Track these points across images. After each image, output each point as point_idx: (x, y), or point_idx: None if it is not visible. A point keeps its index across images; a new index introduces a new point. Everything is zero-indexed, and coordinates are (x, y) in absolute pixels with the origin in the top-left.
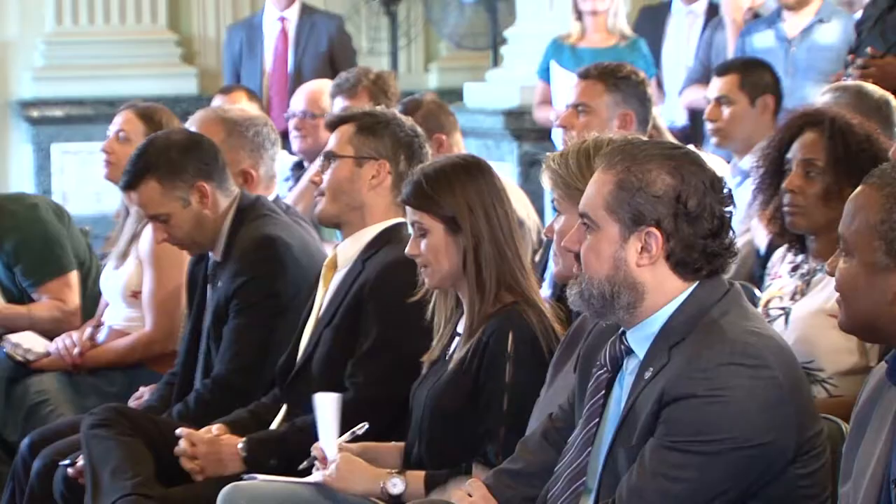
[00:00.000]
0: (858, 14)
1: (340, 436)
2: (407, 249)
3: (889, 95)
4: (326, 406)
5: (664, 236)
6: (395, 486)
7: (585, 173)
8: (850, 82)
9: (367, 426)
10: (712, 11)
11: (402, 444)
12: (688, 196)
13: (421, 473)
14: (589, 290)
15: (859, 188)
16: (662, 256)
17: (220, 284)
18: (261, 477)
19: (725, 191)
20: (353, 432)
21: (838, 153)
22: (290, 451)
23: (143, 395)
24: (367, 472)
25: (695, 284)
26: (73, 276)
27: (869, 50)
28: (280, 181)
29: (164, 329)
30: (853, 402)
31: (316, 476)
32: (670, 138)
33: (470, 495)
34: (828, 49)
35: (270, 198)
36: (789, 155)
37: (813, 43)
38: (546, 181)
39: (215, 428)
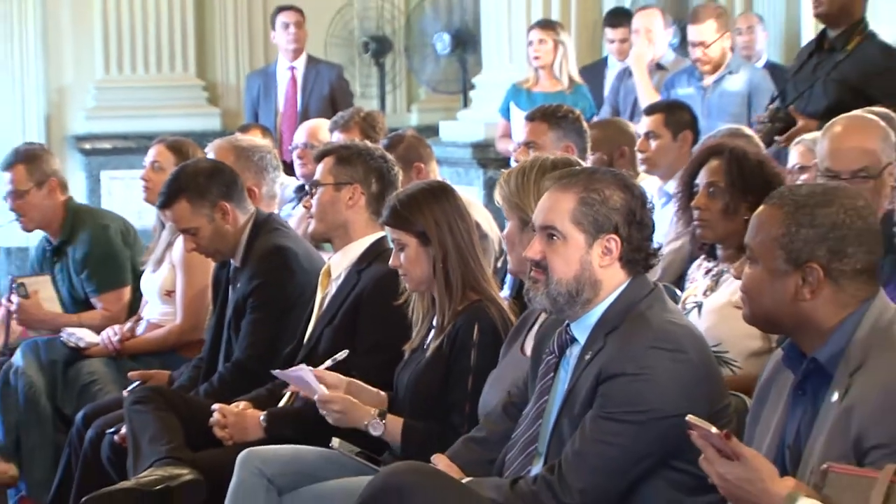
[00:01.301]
0: (761, 63)
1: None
2: (390, 262)
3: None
4: (302, 376)
5: (621, 241)
6: (376, 428)
7: (520, 190)
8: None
9: (347, 352)
10: None
11: (383, 393)
12: (636, 207)
13: (399, 420)
14: (557, 289)
15: (762, 207)
16: (618, 258)
17: (239, 286)
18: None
19: (650, 205)
20: (335, 359)
21: (734, 176)
22: (302, 423)
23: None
24: (355, 411)
25: (626, 283)
26: (126, 291)
27: (770, 108)
28: (285, 202)
29: (192, 322)
30: (755, 381)
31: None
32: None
33: None
34: (735, 95)
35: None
36: (697, 180)
37: (723, 90)
38: (496, 197)
39: (242, 404)
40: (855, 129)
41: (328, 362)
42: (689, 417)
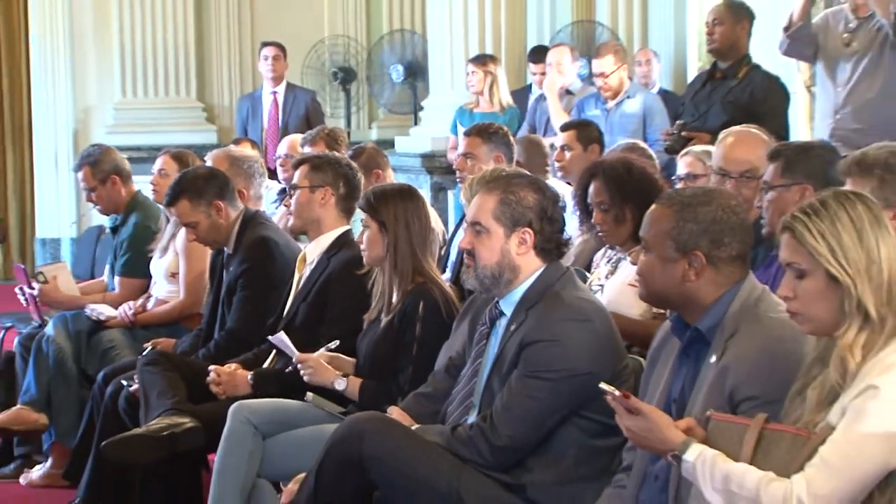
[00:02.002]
0: (655, 90)
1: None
2: (357, 236)
3: None
4: (283, 340)
5: (534, 233)
6: (340, 384)
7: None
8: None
9: (338, 342)
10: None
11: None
12: (547, 206)
13: (358, 380)
14: (483, 273)
15: (654, 206)
16: (532, 247)
17: (231, 269)
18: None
19: (561, 203)
20: (328, 347)
21: (613, 192)
22: (283, 381)
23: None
24: (325, 373)
25: (543, 267)
26: (142, 283)
27: (677, 123)
28: (269, 202)
29: (193, 299)
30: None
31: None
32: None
33: None
34: (633, 115)
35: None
36: (589, 200)
37: (623, 112)
38: (461, 198)
39: (233, 365)
40: (744, 139)
41: (322, 350)
42: (601, 385)
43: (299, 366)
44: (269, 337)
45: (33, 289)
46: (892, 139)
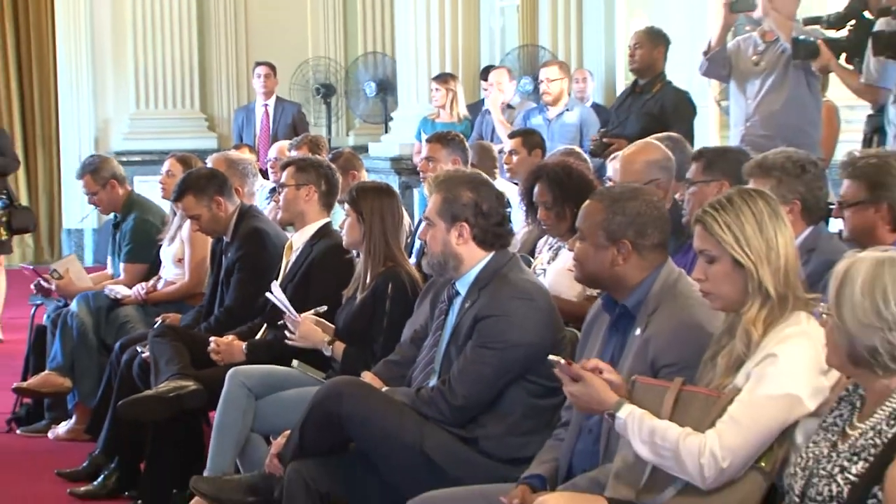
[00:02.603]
0: (589, 103)
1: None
2: (340, 223)
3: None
4: (277, 294)
5: (471, 227)
6: (327, 349)
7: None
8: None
9: (325, 308)
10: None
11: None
12: (482, 202)
13: (342, 345)
14: (432, 260)
15: (588, 201)
16: (470, 238)
17: (229, 255)
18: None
19: (505, 199)
20: (316, 311)
21: (555, 192)
22: (272, 351)
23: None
24: (314, 335)
25: (492, 254)
26: (143, 268)
27: (600, 130)
28: (262, 199)
29: (196, 280)
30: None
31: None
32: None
33: None
34: (571, 125)
35: None
36: (534, 198)
37: (562, 122)
38: (426, 193)
39: (230, 337)
40: (640, 149)
41: (310, 313)
42: (550, 357)
43: (289, 325)
44: (268, 293)
45: (50, 285)
46: (791, 145)
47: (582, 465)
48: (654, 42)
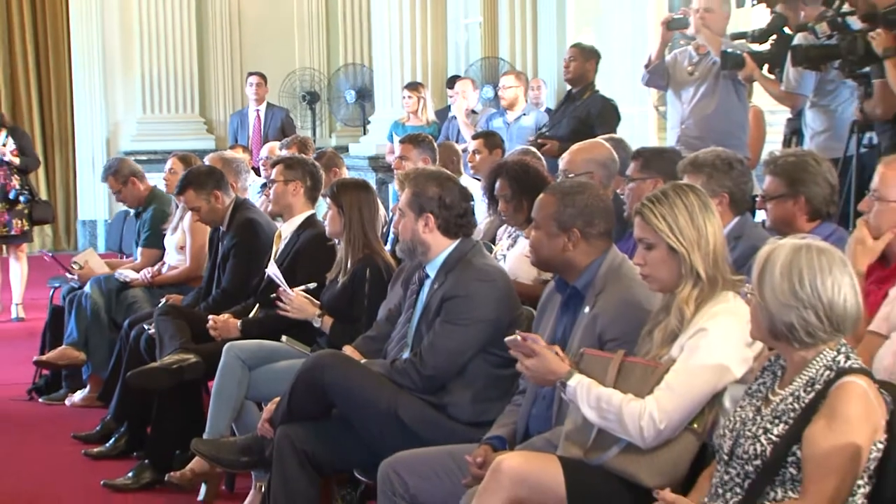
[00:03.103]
0: (543, 108)
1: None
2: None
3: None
4: (275, 272)
5: (435, 218)
6: (316, 322)
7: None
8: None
9: (315, 284)
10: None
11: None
12: (445, 196)
13: (330, 319)
14: (403, 246)
15: (542, 195)
16: (435, 227)
17: (225, 242)
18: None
19: (468, 194)
20: (307, 286)
21: (514, 188)
22: (264, 327)
23: (168, 299)
24: (308, 308)
25: (457, 241)
26: (158, 252)
27: (537, 132)
28: (255, 193)
29: (196, 265)
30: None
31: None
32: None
33: None
34: (527, 128)
35: None
36: (495, 192)
37: (520, 125)
38: (398, 189)
39: (226, 315)
40: (587, 147)
41: (300, 288)
42: (506, 339)
43: (283, 299)
44: (266, 269)
45: (73, 276)
46: (721, 145)
47: (537, 428)
48: (585, 56)
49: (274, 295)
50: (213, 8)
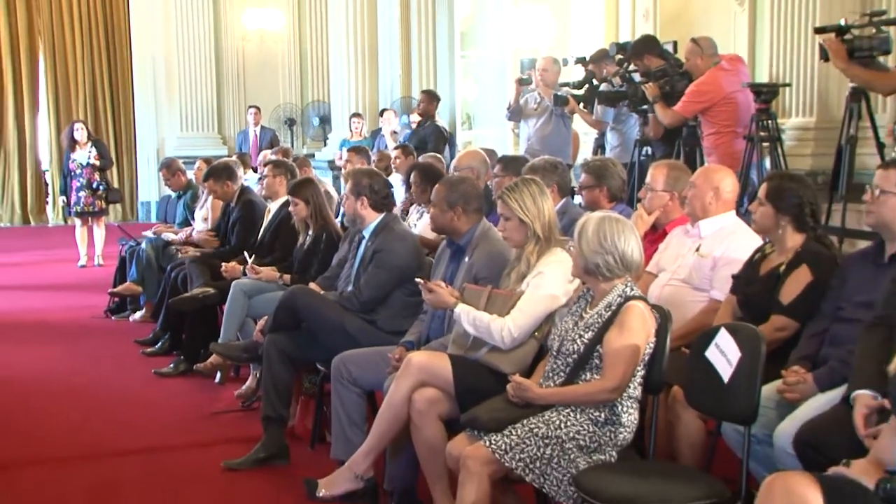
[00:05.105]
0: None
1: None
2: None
3: None
4: (247, 258)
5: (367, 198)
6: (280, 281)
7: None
8: None
9: (253, 257)
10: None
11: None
12: (373, 185)
13: (288, 275)
14: (348, 218)
15: (437, 184)
16: (368, 205)
17: (233, 215)
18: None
19: (388, 182)
20: (246, 258)
21: (423, 179)
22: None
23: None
24: (272, 274)
25: (383, 214)
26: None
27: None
28: (254, 184)
29: (214, 231)
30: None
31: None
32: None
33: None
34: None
35: None
36: (410, 182)
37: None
38: (344, 182)
39: (233, 263)
40: (470, 153)
41: (251, 260)
42: (416, 279)
43: (249, 274)
44: (245, 255)
45: (139, 242)
46: (552, 155)
47: (435, 336)
48: (430, 99)
49: (249, 267)
50: (227, 60)
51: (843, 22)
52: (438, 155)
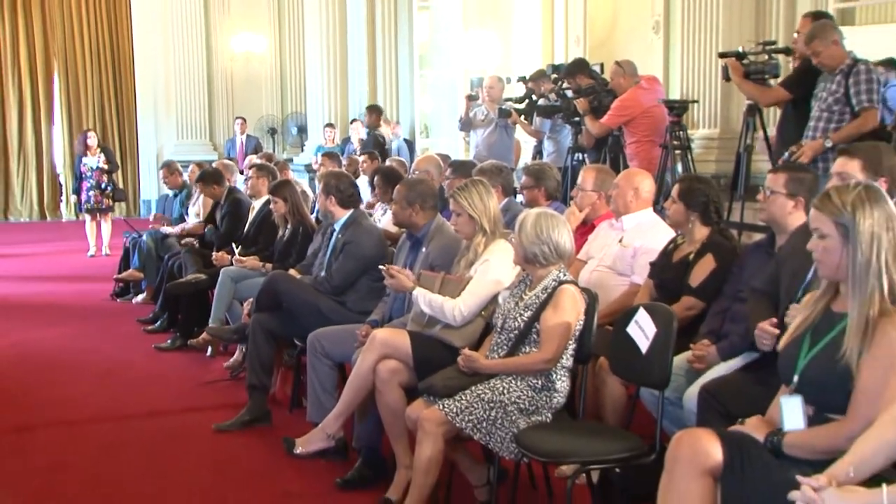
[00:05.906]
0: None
1: None
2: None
3: None
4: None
5: (335, 197)
6: (262, 269)
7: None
8: None
9: (239, 247)
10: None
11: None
12: (340, 185)
13: (270, 264)
14: (321, 214)
15: (398, 185)
16: (336, 203)
17: (221, 211)
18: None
19: (354, 182)
20: (233, 249)
21: (386, 181)
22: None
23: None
24: (255, 264)
25: (351, 210)
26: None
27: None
28: (241, 184)
29: (205, 225)
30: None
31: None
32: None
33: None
34: (394, 150)
35: None
36: (375, 183)
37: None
38: (317, 182)
39: (221, 252)
40: (426, 158)
41: (238, 250)
42: (379, 266)
43: (234, 263)
44: (232, 246)
45: (141, 235)
46: (497, 160)
47: (397, 315)
48: (370, 112)
49: (235, 257)
50: (217, 78)
51: (741, 49)
52: (402, 159)
